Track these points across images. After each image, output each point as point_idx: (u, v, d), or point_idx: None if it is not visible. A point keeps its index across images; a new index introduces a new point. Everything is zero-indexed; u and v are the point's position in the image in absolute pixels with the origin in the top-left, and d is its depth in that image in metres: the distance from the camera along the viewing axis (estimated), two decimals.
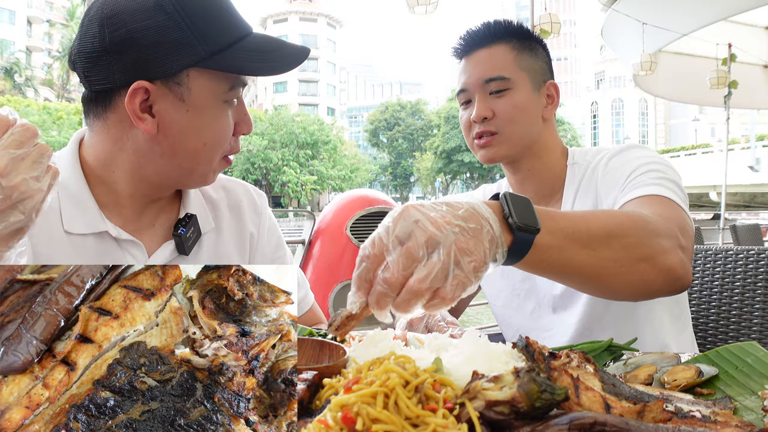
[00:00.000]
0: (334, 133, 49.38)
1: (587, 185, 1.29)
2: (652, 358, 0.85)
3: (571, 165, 1.34)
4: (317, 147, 46.29)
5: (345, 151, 50.37)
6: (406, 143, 60.20)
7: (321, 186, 46.08)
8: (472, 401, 0.56)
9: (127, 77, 0.91)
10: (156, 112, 0.94)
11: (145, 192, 1.03)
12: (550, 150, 1.35)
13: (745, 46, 7.32)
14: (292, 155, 45.01)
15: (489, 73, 1.29)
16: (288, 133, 44.86)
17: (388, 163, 63.45)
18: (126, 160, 0.99)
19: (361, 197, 3.86)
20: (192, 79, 0.93)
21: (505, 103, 1.29)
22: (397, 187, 64.13)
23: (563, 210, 1.29)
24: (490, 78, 1.29)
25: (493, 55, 1.31)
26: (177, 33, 0.90)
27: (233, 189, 1.22)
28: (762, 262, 1.74)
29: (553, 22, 6.06)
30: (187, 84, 0.93)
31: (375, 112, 63.95)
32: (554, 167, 1.35)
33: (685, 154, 31.32)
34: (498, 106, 1.29)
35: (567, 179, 1.33)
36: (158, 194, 1.06)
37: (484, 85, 1.30)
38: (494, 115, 1.29)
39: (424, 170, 56.17)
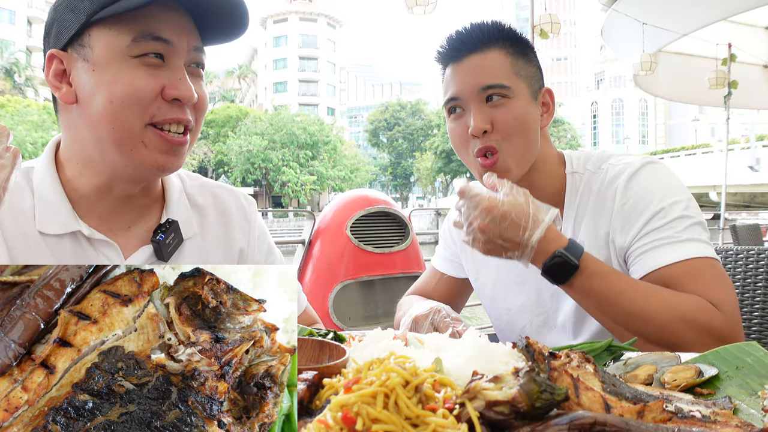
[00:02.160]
0: (334, 134, 49.41)
1: (590, 199, 1.23)
2: (652, 358, 0.85)
3: (571, 174, 1.27)
4: (317, 147, 46.32)
5: (345, 151, 50.38)
6: (406, 143, 60.23)
7: (321, 186, 46.10)
8: (472, 401, 0.56)
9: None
10: (72, 80, 0.95)
11: (108, 185, 1.01)
12: (548, 160, 1.28)
13: (745, 46, 7.32)
14: (292, 155, 45.04)
15: (486, 80, 1.17)
16: (288, 133, 44.89)
17: (388, 163, 63.49)
18: (78, 149, 1.00)
19: (361, 197, 3.86)
20: (93, 38, 0.93)
21: (504, 113, 1.17)
22: (397, 187, 64.14)
23: (565, 225, 1.26)
24: (487, 85, 1.17)
25: (488, 61, 1.18)
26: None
27: (221, 195, 1.20)
28: (762, 262, 1.74)
29: (553, 22, 6.05)
30: (90, 44, 0.93)
31: (375, 112, 64.00)
32: (554, 178, 1.28)
33: (685, 154, 31.34)
34: (497, 116, 1.17)
35: (567, 190, 1.27)
36: (123, 189, 1.02)
37: (480, 92, 1.17)
38: (493, 128, 1.17)
39: (424, 170, 56.18)
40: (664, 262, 1.09)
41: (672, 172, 1.22)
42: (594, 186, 1.24)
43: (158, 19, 0.93)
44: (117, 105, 0.92)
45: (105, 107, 0.92)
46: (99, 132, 0.94)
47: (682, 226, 1.11)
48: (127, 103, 0.92)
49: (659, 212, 1.13)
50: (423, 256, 4.00)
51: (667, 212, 1.13)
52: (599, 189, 1.22)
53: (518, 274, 1.34)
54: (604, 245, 1.20)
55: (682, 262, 1.08)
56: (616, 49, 9.17)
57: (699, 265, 1.08)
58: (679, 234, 1.10)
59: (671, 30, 6.83)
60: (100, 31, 0.92)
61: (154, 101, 0.93)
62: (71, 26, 0.93)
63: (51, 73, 0.95)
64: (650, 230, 1.13)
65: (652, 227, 1.13)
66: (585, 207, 1.24)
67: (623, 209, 1.17)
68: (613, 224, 1.18)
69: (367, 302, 3.64)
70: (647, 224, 1.13)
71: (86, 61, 0.93)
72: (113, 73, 0.92)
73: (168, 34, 0.93)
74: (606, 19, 7.80)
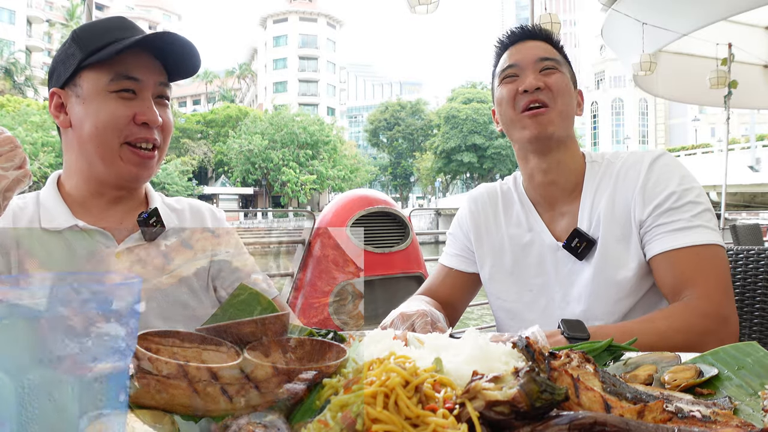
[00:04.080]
0: (334, 133, 49.36)
1: (610, 182, 1.35)
2: (652, 358, 0.85)
3: (590, 162, 1.40)
4: (317, 147, 46.30)
5: (345, 151, 50.35)
6: (406, 143, 60.22)
7: (321, 186, 46.07)
8: (472, 401, 0.56)
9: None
10: (68, 110, 1.23)
11: (100, 191, 1.26)
12: (574, 146, 1.41)
13: (745, 46, 7.31)
14: (292, 155, 45.01)
15: (543, 53, 1.37)
16: (288, 133, 44.86)
17: (388, 163, 63.47)
18: (74, 163, 1.26)
19: (361, 197, 3.86)
20: (83, 79, 1.21)
21: (556, 78, 1.35)
22: (397, 187, 64.14)
23: (582, 211, 1.37)
24: (544, 57, 1.36)
25: (544, 45, 1.40)
26: (71, 49, 1.22)
27: (194, 203, 1.47)
28: (762, 262, 1.74)
29: (553, 22, 6.05)
30: (80, 83, 1.21)
31: (375, 112, 63.99)
32: (578, 162, 1.40)
33: (685, 154, 31.32)
34: (550, 80, 1.34)
35: (587, 175, 1.39)
36: (112, 193, 1.27)
37: (537, 62, 1.36)
38: (546, 87, 1.34)
39: (424, 170, 56.19)
40: (674, 246, 1.24)
41: (681, 166, 1.34)
42: (614, 170, 1.36)
43: (130, 63, 1.20)
44: (100, 129, 1.19)
45: (91, 131, 1.20)
46: (87, 149, 1.21)
47: (695, 211, 1.25)
48: (107, 127, 1.19)
49: (676, 193, 1.26)
50: (423, 256, 4.00)
51: (681, 195, 1.26)
52: (620, 171, 1.35)
53: (535, 257, 1.42)
54: (621, 217, 1.31)
55: (689, 248, 1.22)
56: (616, 49, 9.17)
57: (703, 253, 1.22)
58: (691, 219, 1.24)
59: (671, 30, 6.83)
60: (88, 73, 1.20)
61: (127, 125, 1.20)
62: (68, 70, 1.21)
63: (53, 106, 1.25)
64: (666, 209, 1.26)
65: (668, 206, 1.26)
66: (605, 187, 1.35)
67: (647, 185, 1.29)
68: (636, 198, 1.30)
69: (367, 302, 3.65)
70: (665, 202, 1.26)
71: (78, 96, 1.21)
72: (97, 104, 1.19)
73: (137, 73, 1.21)
74: (606, 19, 7.80)
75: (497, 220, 1.50)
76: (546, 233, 1.40)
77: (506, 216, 1.49)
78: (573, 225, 1.36)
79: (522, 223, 1.45)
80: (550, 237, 1.39)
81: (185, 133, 47.52)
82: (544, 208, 1.43)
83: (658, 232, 1.26)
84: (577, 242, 1.32)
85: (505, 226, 1.48)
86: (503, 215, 1.50)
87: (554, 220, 1.41)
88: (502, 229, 1.49)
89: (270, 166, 44.51)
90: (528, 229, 1.44)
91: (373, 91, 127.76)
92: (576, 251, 1.33)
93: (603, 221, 1.31)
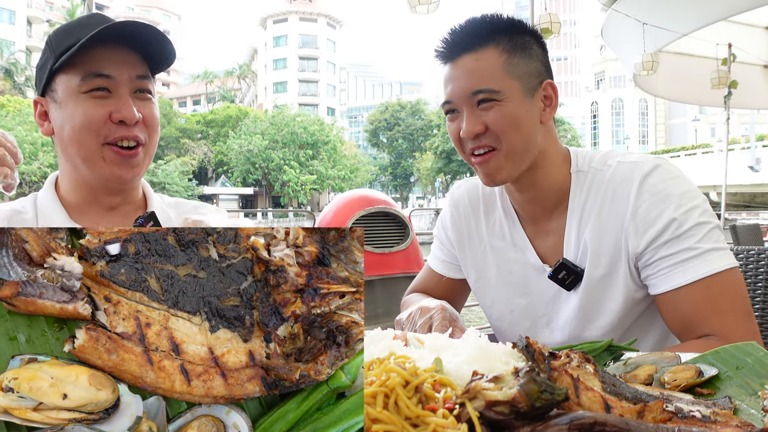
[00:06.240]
0: (334, 133, 49.34)
1: (597, 199, 1.22)
2: (652, 358, 0.85)
3: (576, 173, 1.26)
4: (317, 147, 46.28)
5: (345, 151, 50.33)
6: (406, 143, 60.18)
7: (321, 186, 46.06)
8: (472, 401, 0.56)
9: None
10: (50, 117, 1.22)
11: (94, 197, 1.25)
12: (552, 158, 1.26)
13: (745, 46, 7.31)
14: (292, 155, 45.00)
15: (475, 84, 1.18)
16: (288, 133, 44.85)
17: (388, 163, 63.42)
18: (64, 169, 1.26)
19: (361, 197, 3.86)
20: (57, 83, 1.18)
21: (495, 114, 1.18)
22: (397, 187, 64.10)
23: (568, 234, 1.25)
24: (477, 90, 1.18)
25: (480, 62, 1.19)
26: (46, 54, 1.20)
27: (198, 205, 1.46)
28: (762, 262, 1.74)
29: (553, 22, 6.04)
30: (55, 88, 1.19)
31: (375, 112, 63.94)
32: (558, 176, 1.26)
33: (685, 154, 31.30)
34: (489, 118, 1.18)
35: (572, 188, 1.25)
36: (106, 199, 1.26)
37: (471, 97, 1.19)
38: (486, 129, 1.19)
39: (424, 170, 56.13)
40: (682, 282, 1.10)
41: (681, 172, 1.20)
42: (601, 184, 1.22)
43: (101, 59, 1.15)
44: (77, 132, 1.16)
45: (69, 134, 1.17)
46: (70, 153, 1.19)
47: (700, 234, 1.11)
48: (83, 129, 1.16)
49: (676, 220, 1.12)
50: (423, 256, 4.00)
51: (683, 221, 1.11)
52: (607, 189, 1.21)
53: (520, 276, 1.34)
54: (610, 248, 1.19)
55: (700, 281, 1.09)
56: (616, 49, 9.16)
57: (715, 285, 1.09)
58: (697, 246, 1.10)
59: (671, 30, 6.83)
60: (60, 77, 1.17)
61: (104, 125, 1.16)
62: (44, 77, 1.20)
63: (37, 115, 1.24)
64: (667, 240, 1.12)
65: (669, 237, 1.12)
66: (592, 207, 1.22)
67: (637, 212, 1.15)
68: (627, 228, 1.16)
69: (367, 302, 3.64)
70: (664, 232, 1.12)
71: (55, 102, 1.19)
72: (72, 107, 1.16)
73: (109, 70, 1.16)
74: (606, 19, 7.80)
75: (479, 228, 1.42)
76: (531, 252, 1.31)
77: (488, 224, 1.40)
78: (559, 247, 1.26)
79: (506, 236, 1.36)
80: (534, 257, 1.30)
81: (185, 133, 47.56)
82: (528, 222, 1.33)
83: (661, 267, 1.13)
84: (565, 275, 1.23)
85: (488, 237, 1.39)
86: (485, 223, 1.40)
87: (539, 236, 1.31)
88: (484, 239, 1.40)
89: (270, 166, 44.50)
90: (512, 243, 1.35)
91: (373, 91, 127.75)
92: (563, 282, 1.24)
93: (590, 251, 1.20)
